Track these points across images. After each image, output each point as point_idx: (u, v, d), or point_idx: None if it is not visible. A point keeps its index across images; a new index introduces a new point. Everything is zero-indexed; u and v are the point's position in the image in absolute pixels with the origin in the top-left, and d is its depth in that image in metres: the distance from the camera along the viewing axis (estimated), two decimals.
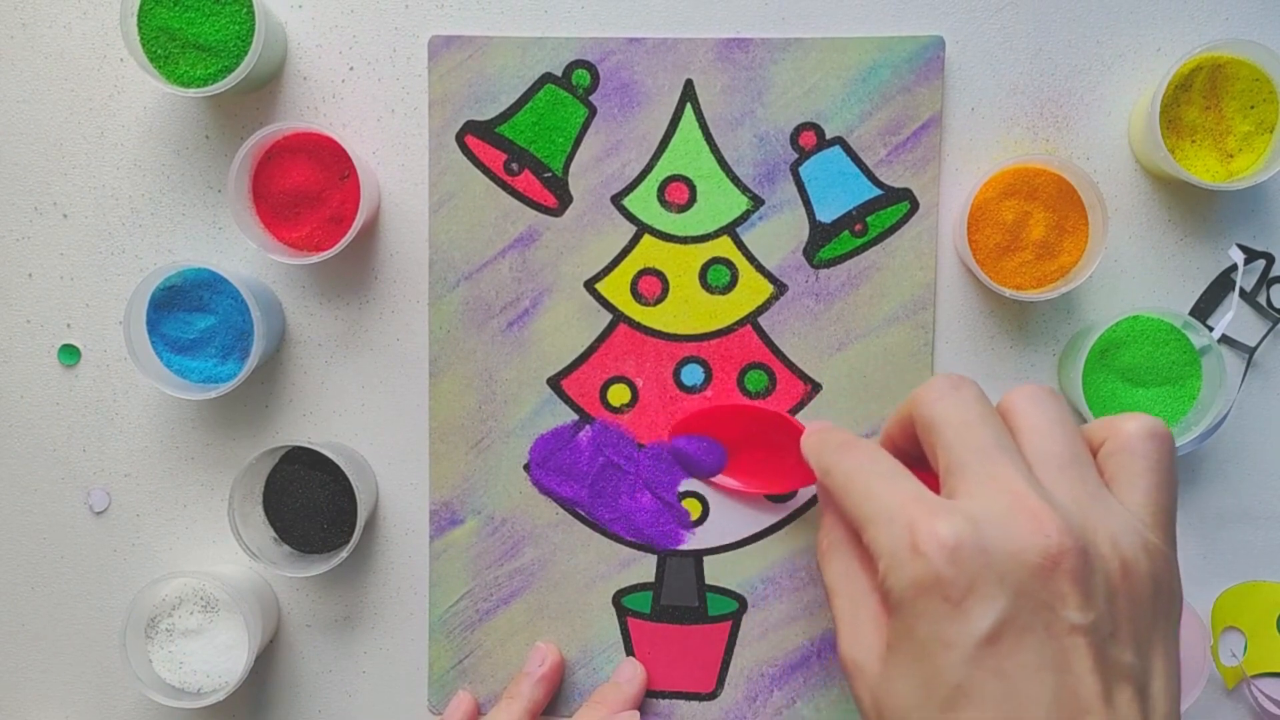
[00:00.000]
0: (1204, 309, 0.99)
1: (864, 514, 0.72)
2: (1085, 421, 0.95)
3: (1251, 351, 0.99)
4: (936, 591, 0.65)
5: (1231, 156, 0.96)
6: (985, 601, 0.64)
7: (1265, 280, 0.99)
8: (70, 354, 1.02)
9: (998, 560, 0.65)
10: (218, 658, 0.98)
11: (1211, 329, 0.98)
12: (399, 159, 1.01)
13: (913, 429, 0.78)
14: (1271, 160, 0.94)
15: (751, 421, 0.99)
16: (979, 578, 0.65)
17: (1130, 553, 0.68)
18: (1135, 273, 0.99)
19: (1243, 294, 0.99)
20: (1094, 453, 0.75)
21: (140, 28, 0.95)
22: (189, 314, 0.98)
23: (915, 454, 0.79)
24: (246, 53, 0.94)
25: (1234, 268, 0.98)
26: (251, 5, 0.94)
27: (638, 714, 0.97)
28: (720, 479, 1.00)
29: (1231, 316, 0.98)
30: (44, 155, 1.02)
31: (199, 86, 0.95)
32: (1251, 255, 0.98)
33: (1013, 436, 0.73)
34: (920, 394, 0.76)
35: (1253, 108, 0.95)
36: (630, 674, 1.00)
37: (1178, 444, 0.94)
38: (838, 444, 0.81)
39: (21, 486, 1.04)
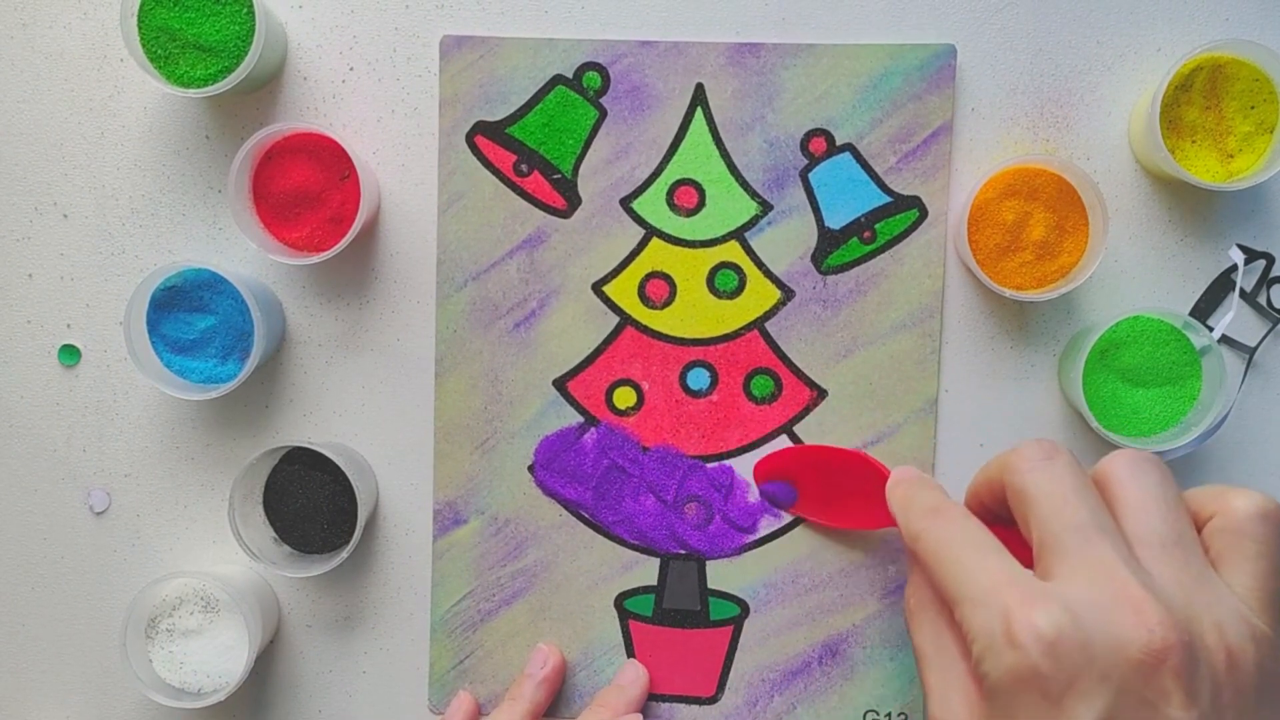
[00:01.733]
0: (1204, 309, 0.99)
1: (956, 591, 0.70)
2: (1093, 429, 0.95)
3: (1251, 351, 0.99)
4: (1035, 686, 0.63)
5: (1231, 157, 0.96)
6: (1085, 700, 0.62)
7: (1265, 280, 0.99)
8: (70, 354, 1.02)
9: (1099, 656, 0.63)
10: (218, 658, 0.98)
11: (1211, 329, 0.98)
12: (399, 159, 1.01)
13: (1003, 491, 0.75)
14: (1271, 160, 0.94)
15: (835, 462, 0.99)
16: (1079, 675, 0.63)
17: (1237, 642, 0.65)
18: (1135, 273, 0.99)
19: (1243, 294, 0.99)
20: (1199, 525, 0.72)
21: (140, 28, 0.95)
22: (189, 314, 0.98)
23: (1003, 514, 0.77)
24: (246, 53, 0.94)
25: (1234, 268, 0.99)
26: (251, 5, 0.94)
27: (640, 717, 0.97)
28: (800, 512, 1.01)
29: (1231, 317, 0.98)
30: (44, 155, 1.02)
31: (199, 86, 0.95)
32: (1251, 255, 0.98)
33: (1111, 509, 0.71)
34: (1012, 461, 0.74)
35: (1253, 108, 0.95)
36: (633, 677, 1.00)
37: (1178, 444, 0.94)
38: (927, 508, 0.78)
39: (21, 486, 1.04)
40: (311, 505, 0.99)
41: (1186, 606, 0.65)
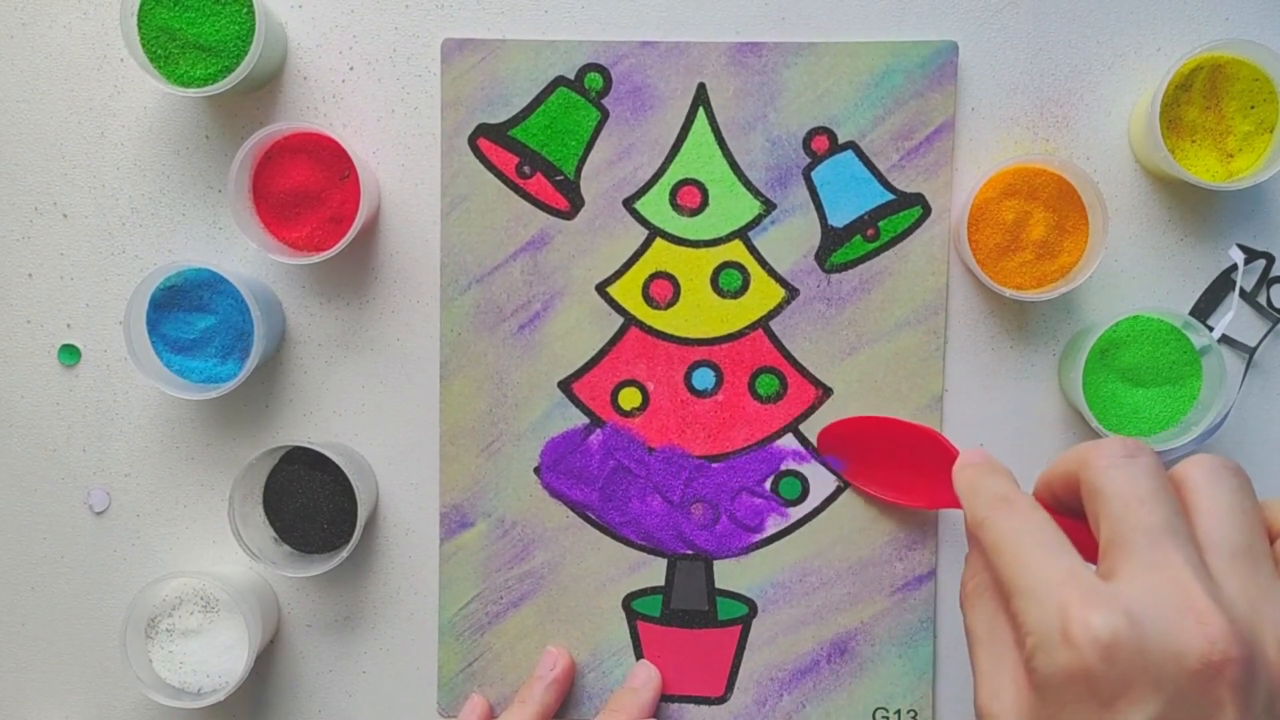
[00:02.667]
0: (1204, 309, 0.99)
1: (1015, 584, 0.68)
2: (1093, 429, 0.95)
3: (1251, 351, 0.99)
4: (1085, 686, 0.62)
5: (1231, 156, 0.96)
6: (1137, 705, 0.61)
7: (1265, 280, 0.99)
8: (70, 354, 1.02)
9: (1155, 661, 0.61)
10: (218, 658, 0.98)
11: (1211, 329, 0.98)
12: (399, 159, 1.01)
13: (1076, 485, 0.73)
14: (1271, 160, 0.94)
15: (902, 435, 0.99)
16: (1133, 679, 0.61)
17: None
18: (1135, 273, 0.99)
19: (1243, 294, 0.99)
20: (1272, 537, 0.70)
21: (140, 28, 0.95)
22: (189, 314, 0.98)
23: (1074, 507, 0.75)
24: (246, 53, 0.94)
25: (1234, 268, 0.99)
26: (251, 5, 0.94)
27: (655, 671, 0.97)
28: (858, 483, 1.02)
29: (1231, 316, 0.98)
30: (44, 155, 1.01)
31: (199, 86, 0.95)
32: (1251, 255, 0.99)
33: (1185, 514, 0.68)
34: (1090, 456, 0.71)
35: (1253, 108, 0.95)
36: (645, 678, 1.00)
37: (1178, 443, 0.94)
38: (995, 495, 0.76)
39: (21, 486, 1.03)
40: (311, 505, 0.99)
41: (1250, 618, 0.64)
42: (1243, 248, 0.98)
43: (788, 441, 1.01)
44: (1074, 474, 0.73)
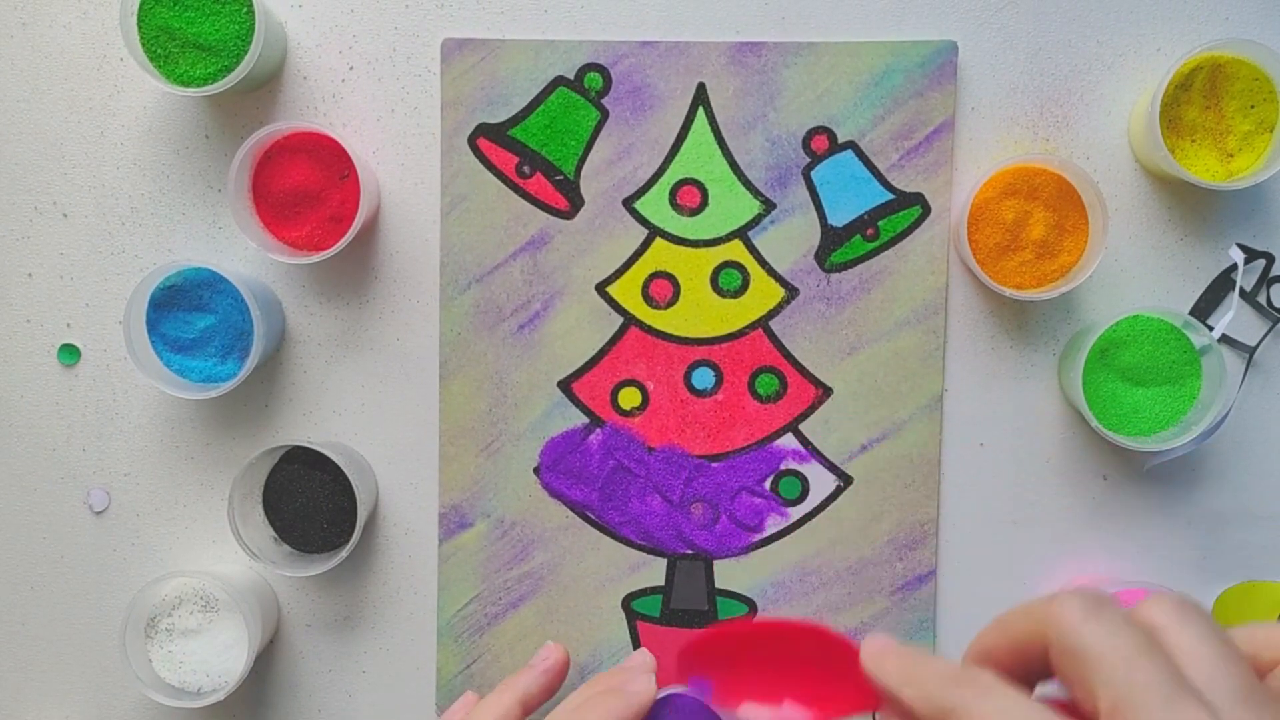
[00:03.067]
0: (1204, 309, 0.99)
1: None
2: (1093, 428, 0.95)
3: (1251, 351, 0.99)
4: None
5: (1231, 156, 0.96)
6: None
7: (1265, 280, 0.99)
8: (70, 354, 1.02)
9: None
10: (217, 657, 0.98)
11: (1211, 329, 0.98)
12: (399, 158, 1.01)
13: (1035, 649, 0.64)
14: (1271, 160, 0.94)
15: (781, 639, 0.86)
16: None
17: None
18: (1135, 272, 0.99)
19: (1243, 294, 0.99)
20: (1259, 672, 0.64)
21: (140, 27, 0.95)
22: (189, 313, 0.98)
23: (1020, 675, 0.66)
24: (246, 52, 0.94)
25: (1234, 267, 0.99)
26: (251, 5, 0.94)
27: (650, 656, 0.95)
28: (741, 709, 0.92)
29: (1231, 316, 0.98)
30: (44, 155, 1.01)
31: (199, 86, 0.95)
32: (1251, 255, 0.99)
33: None
34: (1058, 614, 0.63)
35: (1253, 107, 0.95)
36: (640, 661, 0.97)
37: (1178, 443, 0.94)
38: (949, 676, 0.64)
39: (21, 486, 1.03)
40: (311, 505, 0.99)
41: None
42: (1243, 247, 0.98)
43: (787, 441, 1.01)
44: (1032, 638, 0.64)
